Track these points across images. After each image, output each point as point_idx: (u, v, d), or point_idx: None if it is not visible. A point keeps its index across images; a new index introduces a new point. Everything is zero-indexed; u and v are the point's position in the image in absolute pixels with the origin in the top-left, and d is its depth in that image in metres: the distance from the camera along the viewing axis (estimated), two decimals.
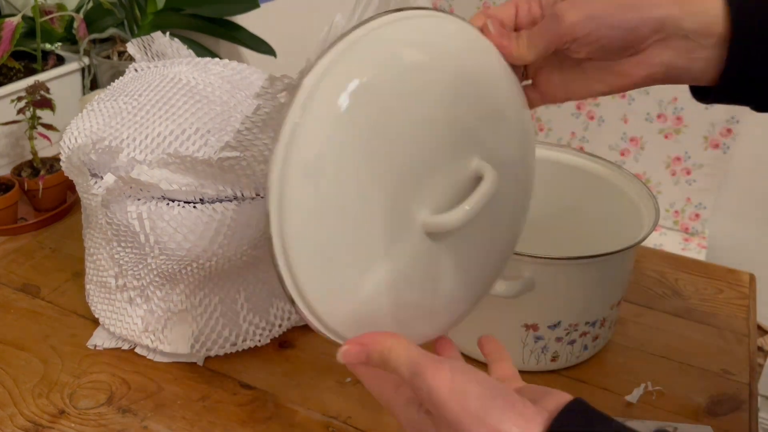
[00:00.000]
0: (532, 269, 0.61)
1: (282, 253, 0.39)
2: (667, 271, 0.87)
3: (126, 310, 0.69)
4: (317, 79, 0.39)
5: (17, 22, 1.03)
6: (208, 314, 0.69)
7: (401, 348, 0.40)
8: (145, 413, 0.64)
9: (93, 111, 0.68)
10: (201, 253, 0.63)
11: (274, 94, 0.56)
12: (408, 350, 0.40)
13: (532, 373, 0.70)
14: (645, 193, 0.71)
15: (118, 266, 0.67)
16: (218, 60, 0.74)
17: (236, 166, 0.60)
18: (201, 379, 0.68)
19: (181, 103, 0.65)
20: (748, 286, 0.85)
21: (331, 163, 0.39)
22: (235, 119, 0.65)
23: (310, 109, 0.39)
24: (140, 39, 0.80)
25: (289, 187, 0.38)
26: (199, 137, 0.63)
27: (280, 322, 0.73)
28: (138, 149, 0.63)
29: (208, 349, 0.70)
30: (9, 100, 0.96)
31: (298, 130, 0.38)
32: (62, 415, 0.64)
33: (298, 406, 0.65)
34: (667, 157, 1.70)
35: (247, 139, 0.58)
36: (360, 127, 0.40)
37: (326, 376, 0.69)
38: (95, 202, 0.64)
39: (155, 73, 0.70)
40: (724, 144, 1.63)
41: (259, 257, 0.67)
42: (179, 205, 0.62)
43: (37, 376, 0.68)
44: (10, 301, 0.79)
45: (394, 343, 0.41)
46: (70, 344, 0.72)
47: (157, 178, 0.60)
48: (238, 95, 0.68)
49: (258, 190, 0.65)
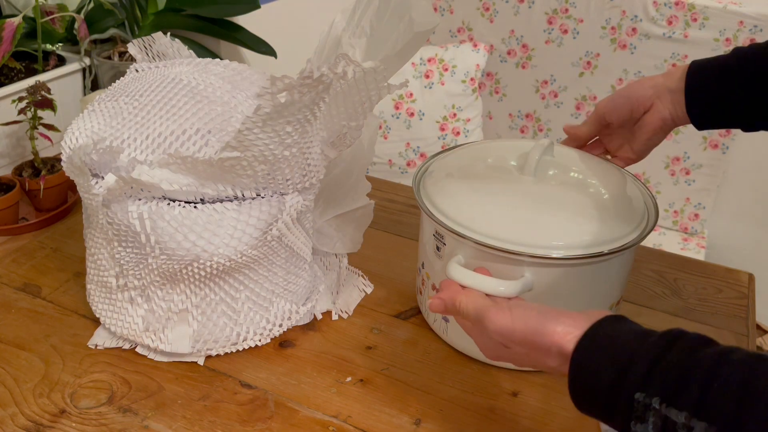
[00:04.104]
0: (531, 270, 0.62)
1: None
2: (666, 271, 0.87)
3: (127, 310, 0.70)
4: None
5: (18, 23, 1.03)
6: (209, 314, 0.69)
7: (469, 300, 0.55)
8: (145, 413, 0.64)
9: (94, 111, 0.68)
10: (201, 253, 0.64)
11: (274, 94, 0.56)
12: (474, 301, 0.55)
13: (531, 372, 0.70)
14: (644, 192, 0.71)
15: (118, 266, 0.67)
16: (219, 60, 0.74)
17: (237, 166, 0.61)
18: (201, 378, 0.69)
19: (182, 103, 0.65)
20: (747, 286, 0.85)
21: None
22: (235, 119, 0.65)
23: None
24: (141, 39, 0.80)
25: None
26: (200, 137, 0.64)
27: (280, 322, 0.73)
28: (139, 149, 0.64)
29: (208, 348, 0.70)
30: (10, 101, 0.96)
31: None
32: (63, 415, 0.64)
33: (298, 406, 0.65)
34: (666, 157, 1.70)
35: (248, 140, 0.59)
36: None
37: (326, 375, 0.69)
38: (96, 202, 0.64)
39: (156, 74, 0.70)
40: (723, 144, 1.63)
41: (259, 257, 0.67)
42: (180, 205, 0.63)
43: (38, 376, 0.68)
44: (11, 300, 0.79)
45: (462, 298, 0.56)
46: (71, 344, 0.73)
47: (157, 178, 0.61)
48: (238, 95, 0.68)
49: (258, 190, 0.65)
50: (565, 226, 0.64)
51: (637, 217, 0.67)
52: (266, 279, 0.70)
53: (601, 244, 0.62)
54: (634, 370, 0.41)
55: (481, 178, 0.71)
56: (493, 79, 1.87)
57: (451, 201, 0.67)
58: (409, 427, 0.63)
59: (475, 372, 0.70)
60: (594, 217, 0.64)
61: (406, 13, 0.63)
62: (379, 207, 0.98)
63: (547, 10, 1.72)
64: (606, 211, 0.66)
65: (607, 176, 0.72)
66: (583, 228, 0.63)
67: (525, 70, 1.82)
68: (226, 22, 1.31)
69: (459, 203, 0.67)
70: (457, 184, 0.70)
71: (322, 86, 0.58)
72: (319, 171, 0.69)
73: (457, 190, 0.69)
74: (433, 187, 0.70)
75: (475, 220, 0.64)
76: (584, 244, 0.62)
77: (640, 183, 0.73)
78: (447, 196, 0.68)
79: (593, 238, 0.62)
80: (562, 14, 1.71)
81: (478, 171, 0.72)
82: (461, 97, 1.78)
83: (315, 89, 0.58)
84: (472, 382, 0.69)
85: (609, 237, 0.63)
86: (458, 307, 0.56)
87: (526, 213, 0.65)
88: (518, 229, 0.63)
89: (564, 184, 0.70)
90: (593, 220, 0.64)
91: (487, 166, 0.73)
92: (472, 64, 1.78)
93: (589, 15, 1.68)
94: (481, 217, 0.65)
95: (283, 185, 0.66)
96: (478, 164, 0.73)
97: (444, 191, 0.69)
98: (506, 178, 0.70)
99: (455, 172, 0.72)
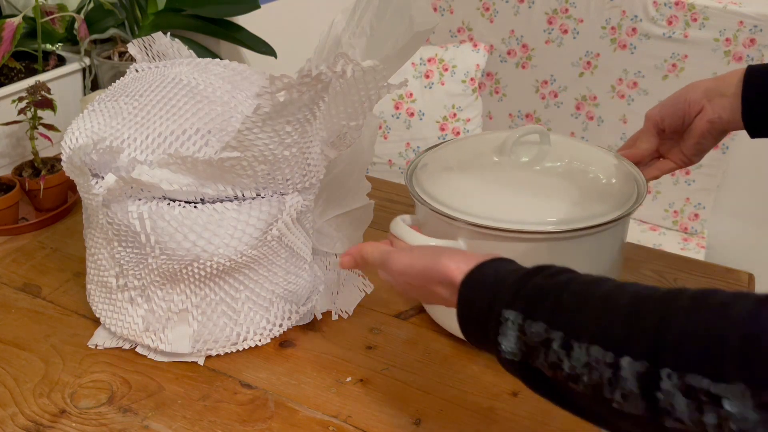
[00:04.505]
0: (464, 238, 0.65)
1: None
2: (666, 271, 0.87)
3: (127, 310, 0.70)
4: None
5: (18, 23, 1.03)
6: (209, 314, 0.69)
7: (374, 249, 0.60)
8: (145, 413, 0.64)
9: (94, 111, 0.68)
10: (201, 253, 0.64)
11: (273, 93, 0.56)
12: (378, 249, 0.59)
13: None
14: (632, 170, 0.73)
15: (118, 266, 0.67)
16: (219, 60, 0.74)
17: (237, 166, 0.61)
18: (201, 378, 0.69)
19: (182, 103, 0.65)
20: (747, 286, 0.85)
21: None
22: (235, 119, 0.65)
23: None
24: (141, 39, 0.80)
25: None
26: (200, 137, 0.64)
27: (280, 322, 0.73)
28: (139, 149, 0.64)
29: (208, 348, 0.70)
30: (10, 101, 0.96)
31: None
32: (63, 415, 0.64)
33: (298, 406, 0.65)
34: None
35: (248, 139, 0.59)
36: None
37: (326, 375, 0.69)
38: (96, 202, 0.64)
39: (156, 74, 0.70)
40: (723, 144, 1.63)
41: (259, 257, 0.67)
42: (180, 205, 0.63)
43: (38, 376, 0.68)
44: (11, 300, 0.79)
45: (368, 248, 0.60)
46: (71, 344, 0.73)
47: (157, 178, 0.61)
48: (238, 95, 0.68)
49: (258, 190, 0.65)
50: (536, 206, 0.66)
51: (616, 204, 0.67)
52: (266, 279, 0.70)
53: (558, 223, 0.64)
54: (503, 293, 0.46)
55: (468, 165, 0.75)
56: (493, 79, 1.87)
57: (436, 182, 0.71)
58: (409, 427, 0.63)
59: (475, 372, 0.70)
60: (572, 201, 0.66)
61: (406, 12, 0.63)
62: (379, 207, 0.98)
63: (547, 10, 1.72)
64: (587, 195, 0.67)
65: (601, 163, 0.74)
66: (554, 209, 0.65)
67: (525, 70, 1.82)
68: (226, 22, 1.31)
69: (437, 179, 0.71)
70: (445, 170, 0.74)
71: (321, 85, 0.58)
72: (319, 171, 0.69)
73: (444, 174, 0.72)
74: (422, 173, 0.74)
75: (452, 196, 0.68)
76: (541, 222, 0.64)
77: (637, 171, 0.74)
78: (435, 180, 0.72)
79: (561, 217, 0.64)
80: (562, 14, 1.71)
81: (466, 159, 0.76)
82: (461, 97, 1.78)
83: (314, 88, 0.58)
84: (472, 382, 0.69)
85: (570, 218, 0.64)
86: (365, 257, 0.60)
87: (503, 194, 0.68)
88: (488, 206, 0.66)
89: (553, 170, 0.72)
90: (569, 203, 0.66)
91: (475, 155, 0.76)
92: (472, 64, 1.77)
93: (589, 15, 1.68)
94: (458, 193, 0.68)
95: (283, 185, 0.66)
96: (467, 153, 0.77)
97: (434, 176, 0.73)
98: (490, 164, 0.73)
99: (446, 161, 0.76)
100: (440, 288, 0.52)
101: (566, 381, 0.41)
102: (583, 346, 0.39)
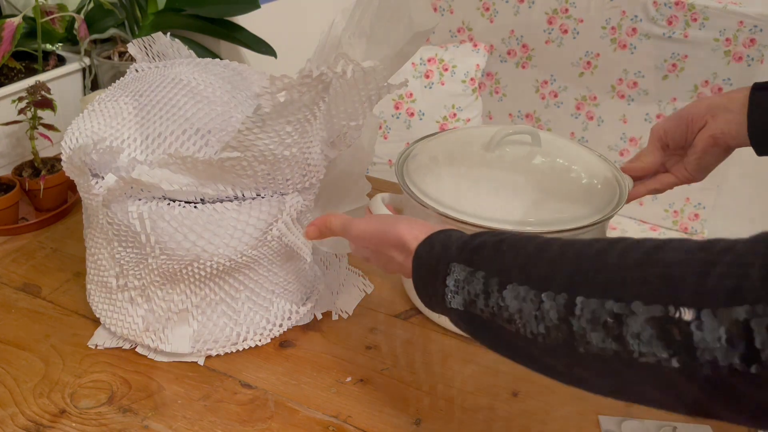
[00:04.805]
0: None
1: None
2: None
3: (127, 310, 0.70)
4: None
5: (18, 23, 1.03)
6: (209, 314, 0.69)
7: (337, 218, 0.63)
8: (145, 413, 0.64)
9: (94, 111, 0.68)
10: (201, 253, 0.64)
11: (273, 93, 0.56)
12: (341, 218, 0.63)
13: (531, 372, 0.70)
14: (617, 175, 0.75)
15: (119, 266, 0.67)
16: (219, 60, 0.74)
17: (237, 166, 0.61)
18: (201, 378, 0.69)
19: (182, 103, 0.65)
20: None
21: None
22: (235, 119, 0.65)
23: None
24: (141, 39, 0.80)
25: None
26: (200, 137, 0.64)
27: (280, 322, 0.73)
28: (139, 149, 0.64)
29: (208, 348, 0.70)
30: (10, 101, 0.96)
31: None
32: (63, 415, 0.64)
33: (298, 406, 0.65)
34: None
35: (248, 140, 0.59)
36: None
37: (326, 375, 0.69)
38: (96, 202, 0.64)
39: (156, 74, 0.70)
40: None
41: (259, 257, 0.67)
42: (180, 205, 0.63)
43: (38, 376, 0.68)
44: (11, 300, 0.79)
45: (331, 218, 0.64)
46: (71, 344, 0.73)
47: (157, 178, 0.61)
48: (238, 95, 0.68)
49: (258, 190, 0.65)
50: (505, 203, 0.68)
51: (596, 208, 0.69)
52: (266, 279, 0.70)
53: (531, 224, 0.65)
54: (451, 250, 0.49)
55: (455, 158, 0.76)
56: (493, 79, 1.87)
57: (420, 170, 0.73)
58: (409, 427, 0.63)
59: (475, 372, 0.70)
60: (544, 201, 0.68)
61: (405, 13, 0.63)
62: None
63: (547, 10, 1.72)
64: (570, 196, 0.68)
65: (587, 166, 0.75)
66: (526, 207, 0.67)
67: (525, 70, 1.82)
68: (226, 22, 1.31)
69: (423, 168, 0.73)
70: (432, 160, 0.75)
71: (321, 85, 0.58)
72: (319, 171, 0.69)
73: (430, 164, 0.74)
74: (411, 162, 0.76)
75: (432, 185, 0.70)
76: (509, 222, 0.65)
77: (622, 175, 0.75)
78: (420, 168, 0.73)
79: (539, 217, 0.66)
80: (562, 14, 1.71)
81: (454, 151, 0.77)
82: (461, 97, 1.78)
83: (314, 88, 0.58)
84: (472, 382, 0.69)
85: (549, 219, 0.66)
86: (329, 226, 0.64)
87: (481, 189, 0.70)
88: (463, 199, 0.67)
89: (536, 170, 0.73)
90: (547, 203, 0.68)
91: (464, 148, 0.78)
92: (472, 64, 1.77)
93: (589, 15, 1.68)
94: (439, 184, 0.71)
95: (283, 185, 0.66)
96: (457, 146, 0.79)
97: (421, 165, 0.74)
98: (477, 159, 0.74)
99: (435, 152, 0.77)
100: (395, 252, 0.55)
101: (503, 324, 0.44)
102: (515, 287, 0.43)
